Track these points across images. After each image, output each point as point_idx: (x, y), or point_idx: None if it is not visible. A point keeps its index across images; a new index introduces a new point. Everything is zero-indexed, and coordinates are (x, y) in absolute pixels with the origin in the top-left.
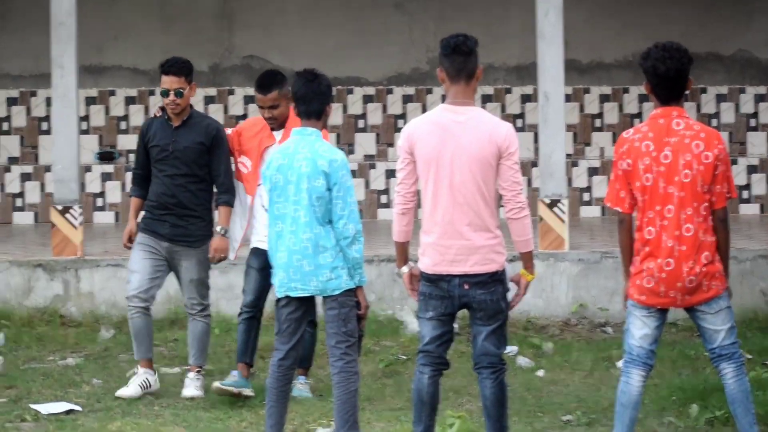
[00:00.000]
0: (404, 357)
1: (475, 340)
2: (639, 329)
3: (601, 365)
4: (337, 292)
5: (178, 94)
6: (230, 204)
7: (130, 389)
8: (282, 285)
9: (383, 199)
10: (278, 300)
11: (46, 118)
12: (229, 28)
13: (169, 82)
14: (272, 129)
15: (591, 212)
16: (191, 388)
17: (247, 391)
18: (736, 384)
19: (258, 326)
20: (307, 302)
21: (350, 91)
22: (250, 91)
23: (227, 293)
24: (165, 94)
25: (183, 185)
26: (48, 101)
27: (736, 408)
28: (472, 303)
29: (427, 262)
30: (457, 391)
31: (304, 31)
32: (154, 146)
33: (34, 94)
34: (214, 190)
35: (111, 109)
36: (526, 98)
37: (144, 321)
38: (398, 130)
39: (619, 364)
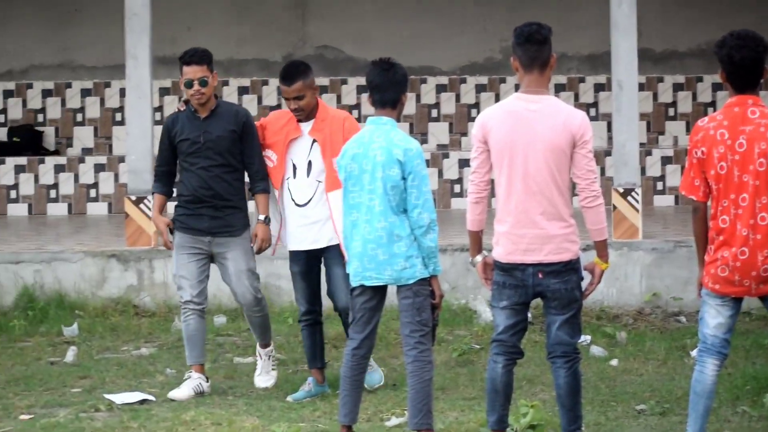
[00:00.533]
0: (478, 346)
1: (548, 329)
2: (713, 318)
3: (675, 354)
4: (411, 281)
5: (203, 83)
6: (268, 191)
7: (183, 391)
8: (357, 274)
9: (456, 188)
10: (353, 289)
11: (120, 109)
12: (303, 18)
13: (192, 72)
14: (299, 120)
15: (664, 201)
16: (263, 376)
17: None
18: None
19: (321, 328)
20: (382, 291)
21: (424, 81)
22: (324, 81)
23: None
24: (189, 84)
25: (219, 176)
26: (122, 92)
27: None
28: (546, 292)
29: (501, 252)
30: (530, 381)
31: (377, 20)
32: (184, 140)
33: (108, 85)
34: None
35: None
36: (599, 87)
37: (199, 323)
38: (471, 119)
39: (693, 353)
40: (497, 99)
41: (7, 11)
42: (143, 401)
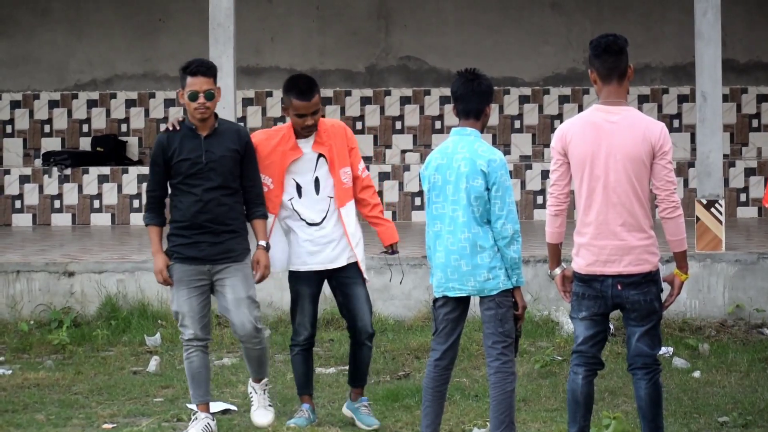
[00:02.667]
0: (560, 358)
1: (629, 340)
2: None
3: (758, 366)
4: (494, 293)
5: (209, 96)
6: (267, 216)
7: None
8: (440, 285)
9: (539, 199)
10: (435, 300)
11: None
12: (386, 29)
13: (197, 83)
14: (305, 136)
15: (748, 213)
16: (261, 411)
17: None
18: None
19: (312, 354)
20: (465, 302)
21: (507, 92)
22: (407, 92)
23: (383, 294)
24: (194, 97)
25: (217, 199)
26: None
27: None
28: (626, 303)
29: (581, 263)
30: (612, 392)
31: (460, 31)
32: (183, 160)
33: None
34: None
35: (268, 110)
36: (683, 98)
37: (203, 360)
38: (554, 130)
39: None
40: (580, 110)
41: (91, 21)
42: (225, 411)
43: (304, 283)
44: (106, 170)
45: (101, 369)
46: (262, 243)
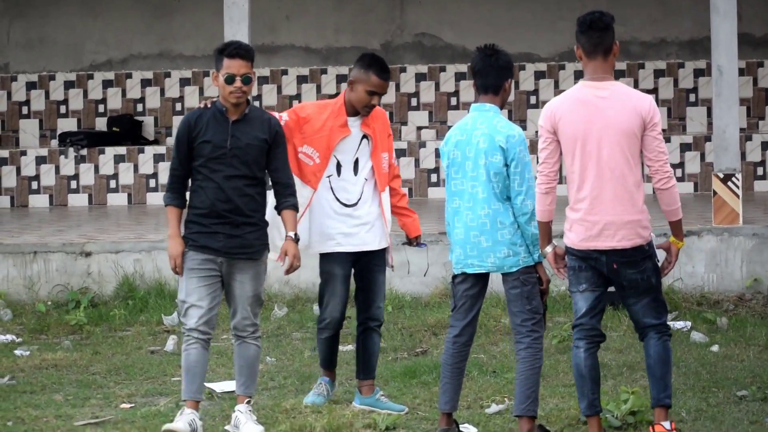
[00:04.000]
0: None
1: (630, 314)
2: None
3: None
4: (514, 269)
5: (246, 80)
6: (297, 208)
7: (179, 424)
8: (459, 261)
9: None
10: (454, 276)
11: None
12: (401, 6)
13: (236, 66)
14: (362, 115)
15: (765, 186)
16: (251, 425)
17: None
18: None
19: (339, 336)
20: (484, 279)
21: (522, 68)
22: (423, 68)
23: (401, 270)
24: (230, 79)
25: (240, 188)
26: None
27: None
28: (623, 281)
29: (574, 238)
30: (631, 367)
31: (476, 7)
32: (206, 142)
33: (207, 74)
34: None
35: (283, 88)
36: (699, 72)
37: (202, 355)
38: None
39: None
40: None
41: (106, 1)
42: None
43: (337, 264)
44: (122, 150)
45: (119, 349)
46: (291, 234)
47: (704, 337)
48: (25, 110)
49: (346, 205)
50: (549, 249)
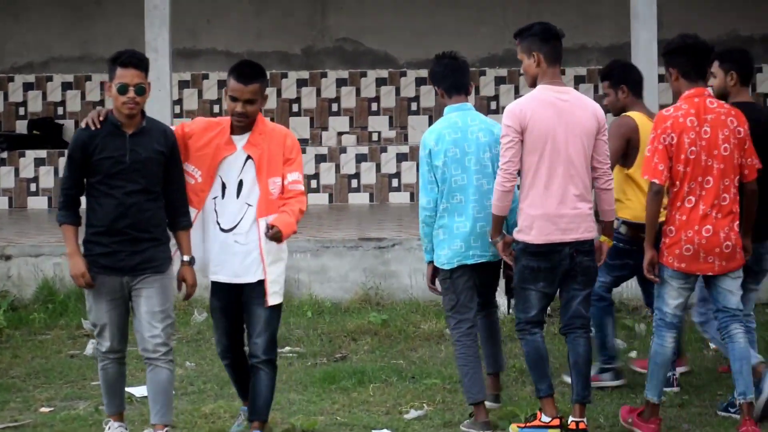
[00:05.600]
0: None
1: (568, 305)
2: (674, 299)
3: (695, 346)
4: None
5: (140, 90)
6: (190, 226)
7: None
8: (457, 255)
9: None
10: (451, 272)
11: None
12: (322, 11)
13: (128, 76)
14: (235, 130)
15: None
16: None
17: None
18: (746, 342)
19: (245, 360)
20: (480, 270)
21: None
22: (344, 74)
23: (320, 276)
24: (123, 90)
25: (138, 204)
26: None
27: (744, 364)
28: (578, 269)
29: (536, 234)
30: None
31: (397, 13)
32: (105, 158)
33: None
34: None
35: (204, 92)
36: None
37: (120, 370)
38: (491, 111)
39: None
40: (516, 91)
41: (27, 3)
42: None
43: (215, 295)
44: (42, 153)
45: (38, 352)
46: (186, 258)
47: (623, 344)
48: None
49: (223, 230)
50: (499, 239)
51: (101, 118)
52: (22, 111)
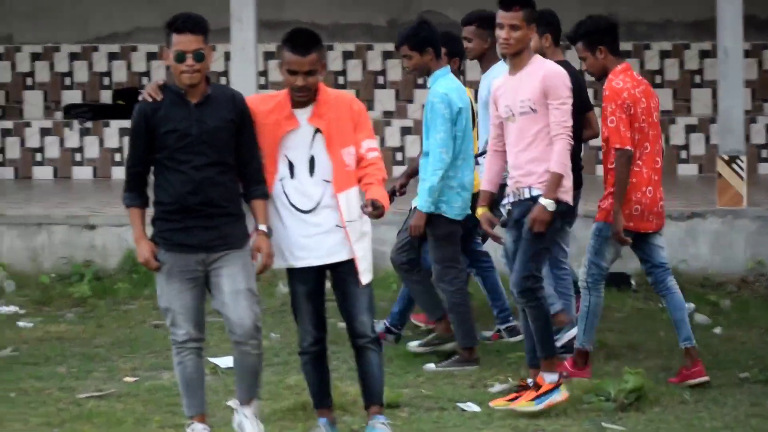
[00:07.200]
0: None
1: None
2: (612, 255)
3: None
4: None
5: (198, 56)
6: (268, 195)
7: None
8: (465, 207)
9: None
10: (459, 223)
11: (225, 73)
12: None
13: (185, 42)
14: (296, 103)
15: None
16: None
17: None
18: (679, 294)
19: (327, 358)
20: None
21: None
22: None
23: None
24: (180, 57)
25: (211, 177)
26: (227, 56)
27: (684, 313)
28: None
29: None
30: (633, 347)
31: None
32: (169, 132)
33: (213, 48)
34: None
35: None
36: (704, 54)
37: (198, 364)
38: None
39: None
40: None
41: None
42: None
43: (299, 281)
44: (127, 123)
45: (123, 322)
46: (263, 228)
47: (707, 320)
48: (29, 81)
49: (301, 211)
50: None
51: (161, 86)
52: (106, 81)
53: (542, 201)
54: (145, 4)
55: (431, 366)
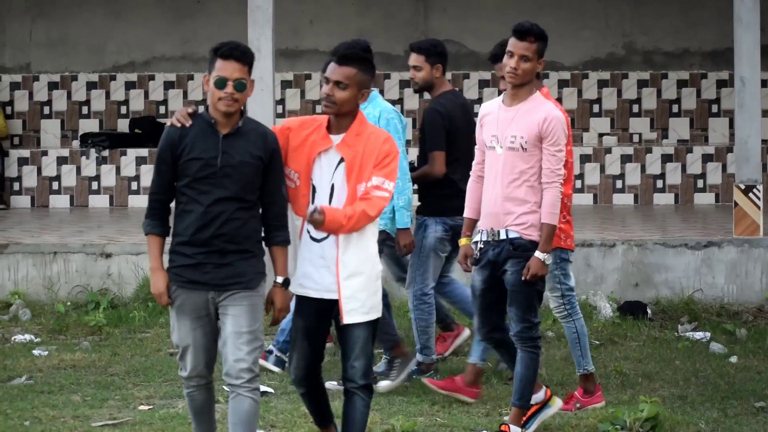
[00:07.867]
0: (597, 342)
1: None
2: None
3: None
4: None
5: (240, 86)
6: (288, 243)
7: None
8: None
9: (577, 184)
10: None
11: None
12: (425, 12)
13: (229, 69)
14: (332, 128)
15: None
16: None
17: None
18: None
19: (322, 386)
20: None
21: (546, 76)
22: (446, 75)
23: None
24: (221, 84)
25: (228, 212)
26: None
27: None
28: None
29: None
30: (649, 377)
31: (499, 15)
32: (193, 159)
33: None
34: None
35: (306, 92)
36: (721, 83)
37: (207, 396)
38: (594, 114)
39: None
40: (619, 94)
41: (129, 3)
42: (263, 393)
43: (299, 313)
44: (144, 152)
45: (138, 350)
46: (279, 280)
47: (723, 348)
48: (46, 110)
49: (314, 239)
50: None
51: (191, 113)
52: (123, 110)
53: (539, 256)
54: (163, 33)
55: (385, 383)
